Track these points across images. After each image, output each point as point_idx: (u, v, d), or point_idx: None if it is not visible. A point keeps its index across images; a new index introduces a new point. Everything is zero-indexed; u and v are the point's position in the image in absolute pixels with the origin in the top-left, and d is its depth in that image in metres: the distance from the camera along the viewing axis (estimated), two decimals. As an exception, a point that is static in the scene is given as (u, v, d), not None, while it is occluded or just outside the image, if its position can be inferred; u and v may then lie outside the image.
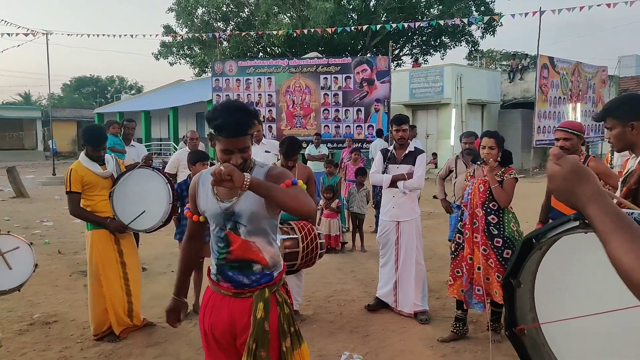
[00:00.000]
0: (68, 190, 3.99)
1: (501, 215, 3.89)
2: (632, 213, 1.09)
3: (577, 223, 1.14)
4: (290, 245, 3.98)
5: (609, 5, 14.57)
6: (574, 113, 20.28)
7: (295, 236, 4.04)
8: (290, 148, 4.46)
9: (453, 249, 4.12)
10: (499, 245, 3.83)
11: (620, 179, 2.27)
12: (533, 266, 1.36)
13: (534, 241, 1.28)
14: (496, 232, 3.85)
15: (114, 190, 4.10)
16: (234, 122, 1.99)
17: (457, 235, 4.10)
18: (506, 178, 3.89)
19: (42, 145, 35.53)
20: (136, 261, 4.33)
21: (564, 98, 20.01)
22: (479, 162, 3.99)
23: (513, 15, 16.00)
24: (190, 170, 4.86)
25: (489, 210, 3.88)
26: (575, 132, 3.70)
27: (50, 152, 25.40)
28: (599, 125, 22.20)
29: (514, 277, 1.37)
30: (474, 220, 3.93)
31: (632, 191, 2.13)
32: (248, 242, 2.09)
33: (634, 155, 2.32)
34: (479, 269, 3.88)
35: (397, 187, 4.63)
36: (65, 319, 4.63)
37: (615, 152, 5.62)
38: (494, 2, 26.95)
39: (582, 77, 20.92)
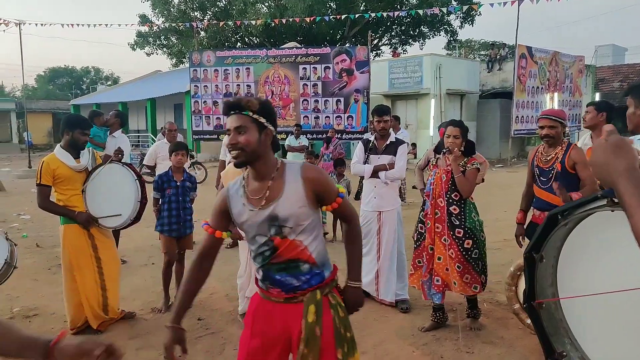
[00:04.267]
0: (38, 182, 3.92)
1: (462, 205, 3.90)
2: None
3: (604, 201, 1.15)
4: None
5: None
6: (552, 102, 20.58)
7: None
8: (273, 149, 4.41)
9: (415, 239, 4.15)
10: (460, 235, 3.85)
11: None
12: (558, 242, 1.37)
13: (560, 217, 1.30)
14: (457, 222, 3.87)
15: (87, 185, 4.04)
16: (233, 99, 2.00)
17: (419, 225, 4.13)
18: (469, 168, 3.89)
19: (17, 137, 34.74)
20: (112, 255, 4.27)
21: (542, 88, 20.29)
22: (443, 151, 4.00)
23: (492, 5, 16.15)
24: (170, 161, 4.81)
25: (450, 200, 3.90)
26: (559, 119, 3.72)
27: (25, 144, 24.87)
28: (577, 115, 22.61)
29: (537, 251, 1.38)
30: (436, 210, 3.95)
31: None
32: (294, 242, 1.99)
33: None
34: (439, 259, 3.92)
35: (379, 178, 4.66)
36: (46, 313, 4.59)
37: (579, 139, 5.71)
38: (472, -9, 27.13)
39: (559, 66, 21.21)
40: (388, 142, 4.73)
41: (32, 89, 54.08)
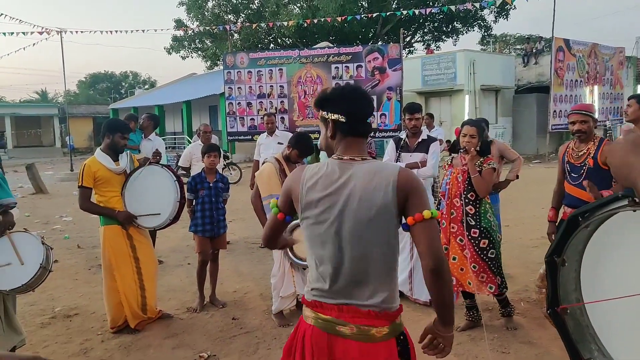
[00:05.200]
0: (80, 184, 4.06)
1: (478, 206, 3.85)
2: None
3: (625, 201, 1.10)
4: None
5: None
6: (592, 96, 19.97)
7: None
8: (309, 149, 4.43)
9: None
10: (476, 236, 3.81)
11: None
12: (580, 245, 1.32)
13: (580, 219, 1.25)
14: (473, 222, 3.82)
15: (125, 186, 4.15)
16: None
17: None
18: (485, 168, 3.83)
19: (59, 141, 36.05)
20: (150, 255, 4.36)
21: (581, 81, 19.69)
22: (460, 151, 3.94)
23: (526, -2, 15.75)
24: (203, 163, 4.89)
25: (467, 200, 3.85)
26: (590, 114, 3.69)
27: (67, 148, 25.78)
28: (618, 108, 21.83)
29: (559, 255, 1.34)
30: (452, 210, 3.91)
31: None
32: None
33: None
34: (454, 259, 3.88)
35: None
36: (86, 312, 4.73)
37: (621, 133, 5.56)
38: (507, -15, 26.49)
39: (599, 59, 20.54)
40: (420, 140, 4.68)
41: (73, 94, 55.95)
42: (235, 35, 27.08)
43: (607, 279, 1.29)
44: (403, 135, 4.89)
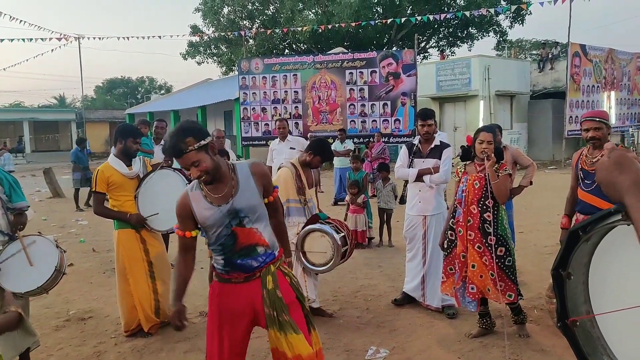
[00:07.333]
0: (94, 190, 4.14)
1: (496, 212, 3.82)
2: None
3: (619, 216, 1.13)
4: (343, 243, 4.10)
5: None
6: (609, 101, 19.71)
7: (344, 233, 4.12)
8: (330, 155, 4.50)
9: (446, 246, 4.09)
10: (493, 243, 3.77)
11: None
12: (585, 258, 1.33)
13: (580, 233, 1.27)
14: (490, 229, 3.79)
15: (139, 191, 4.19)
16: (170, 147, 2.28)
17: (449, 232, 4.05)
18: (501, 174, 3.81)
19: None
20: (163, 260, 4.40)
21: (598, 86, 19.44)
22: (483, 157, 3.87)
23: (542, 3, 15.62)
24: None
25: (484, 207, 3.81)
26: (604, 120, 3.67)
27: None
28: (635, 114, 21.52)
29: (564, 269, 1.35)
30: (468, 217, 3.87)
31: None
32: (252, 230, 2.41)
33: None
34: (473, 266, 3.84)
35: (424, 182, 4.60)
36: (100, 315, 4.79)
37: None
38: (522, -10, 26.33)
39: (616, 64, 20.29)
40: (432, 146, 4.67)
41: (90, 99, 56.65)
42: (250, 41, 27.28)
43: (615, 290, 1.30)
44: (416, 141, 4.87)
